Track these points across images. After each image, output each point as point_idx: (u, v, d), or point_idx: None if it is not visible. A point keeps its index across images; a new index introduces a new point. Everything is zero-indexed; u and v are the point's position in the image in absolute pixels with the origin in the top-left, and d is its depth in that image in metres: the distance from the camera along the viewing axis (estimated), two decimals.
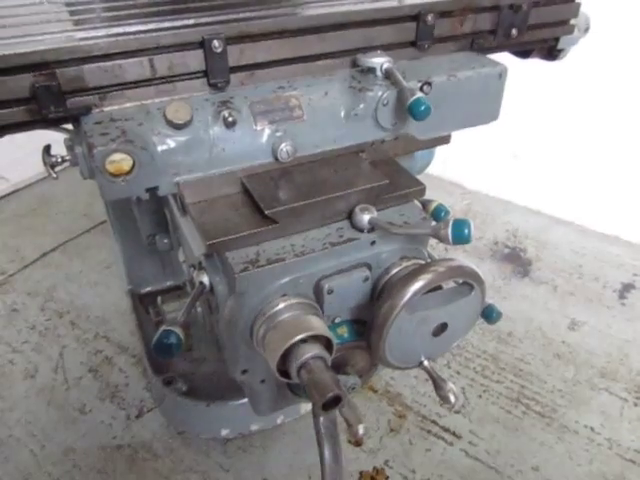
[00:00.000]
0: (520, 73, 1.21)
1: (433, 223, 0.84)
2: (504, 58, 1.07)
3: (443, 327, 0.83)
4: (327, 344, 0.78)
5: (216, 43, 0.78)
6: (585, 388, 1.56)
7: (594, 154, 2.08)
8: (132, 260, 1.60)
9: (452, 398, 0.81)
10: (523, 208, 2.31)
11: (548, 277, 1.97)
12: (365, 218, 0.80)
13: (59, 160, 0.78)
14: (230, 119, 0.79)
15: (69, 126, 0.83)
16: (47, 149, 0.78)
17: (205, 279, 0.82)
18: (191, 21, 0.81)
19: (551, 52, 1.22)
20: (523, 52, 1.23)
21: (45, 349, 1.65)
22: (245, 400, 1.23)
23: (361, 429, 0.77)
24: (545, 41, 1.16)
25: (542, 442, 1.42)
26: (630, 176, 2.05)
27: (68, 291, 1.87)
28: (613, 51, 1.83)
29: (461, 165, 2.40)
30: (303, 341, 0.74)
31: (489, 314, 0.96)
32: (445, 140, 0.99)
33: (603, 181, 2.10)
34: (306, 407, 1.37)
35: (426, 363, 0.86)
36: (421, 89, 0.90)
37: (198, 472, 1.34)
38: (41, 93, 0.72)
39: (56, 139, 0.84)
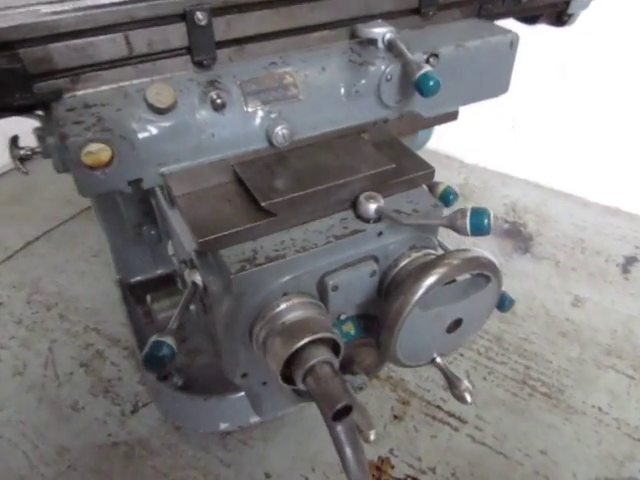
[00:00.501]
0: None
1: (445, 210, 0.77)
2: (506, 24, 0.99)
3: (458, 322, 0.77)
4: (334, 345, 0.72)
5: (200, 15, 0.71)
6: (591, 367, 1.53)
7: (594, 124, 2.02)
8: (120, 249, 1.52)
9: (468, 398, 0.76)
10: (522, 181, 2.25)
11: (550, 252, 1.92)
12: (371, 207, 0.74)
13: (29, 153, 0.70)
14: (219, 101, 0.72)
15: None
16: (14, 140, 0.70)
17: (198, 279, 0.75)
18: None
19: (560, 17, 1.15)
20: (530, 18, 1.15)
21: (33, 344, 1.58)
22: (244, 393, 1.18)
23: (372, 435, 0.72)
24: (555, 5, 1.08)
25: (549, 424, 1.39)
26: (630, 147, 1.99)
27: (55, 282, 1.80)
28: (618, 18, 1.74)
29: (457, 137, 2.32)
30: (308, 345, 0.68)
31: (502, 303, 0.91)
32: (452, 117, 0.92)
33: (603, 152, 2.04)
34: None
35: (439, 360, 0.81)
36: (427, 61, 0.83)
37: (198, 468, 1.30)
38: (3, 77, 0.65)
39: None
